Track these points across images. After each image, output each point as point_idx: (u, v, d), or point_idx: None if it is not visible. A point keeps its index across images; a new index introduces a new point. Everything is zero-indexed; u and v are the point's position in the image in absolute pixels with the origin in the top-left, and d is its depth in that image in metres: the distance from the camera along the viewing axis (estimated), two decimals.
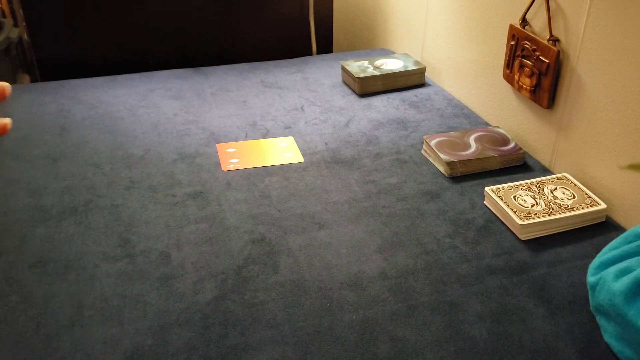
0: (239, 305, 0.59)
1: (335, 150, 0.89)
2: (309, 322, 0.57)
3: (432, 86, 1.12)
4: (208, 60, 1.27)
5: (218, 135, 0.93)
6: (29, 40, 1.18)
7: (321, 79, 1.15)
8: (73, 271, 0.62)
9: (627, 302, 0.53)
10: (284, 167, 0.85)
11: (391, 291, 0.62)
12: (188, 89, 1.09)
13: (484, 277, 0.64)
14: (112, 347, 0.54)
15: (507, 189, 0.75)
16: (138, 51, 1.23)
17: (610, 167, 0.76)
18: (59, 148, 0.87)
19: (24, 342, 0.54)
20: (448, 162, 0.82)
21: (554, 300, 0.61)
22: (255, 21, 1.29)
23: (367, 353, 0.54)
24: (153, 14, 1.21)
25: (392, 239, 0.70)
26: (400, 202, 0.77)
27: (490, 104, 1.00)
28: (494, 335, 0.56)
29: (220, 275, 0.63)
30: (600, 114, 0.76)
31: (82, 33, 1.19)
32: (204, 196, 0.76)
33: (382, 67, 1.11)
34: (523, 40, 0.86)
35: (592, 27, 0.75)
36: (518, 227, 0.70)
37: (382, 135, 0.94)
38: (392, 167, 0.85)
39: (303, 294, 0.61)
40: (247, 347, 0.54)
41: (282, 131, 0.94)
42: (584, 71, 0.78)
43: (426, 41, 1.19)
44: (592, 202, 0.73)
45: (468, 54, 1.04)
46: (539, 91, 0.85)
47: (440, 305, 0.60)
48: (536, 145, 0.90)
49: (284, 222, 0.72)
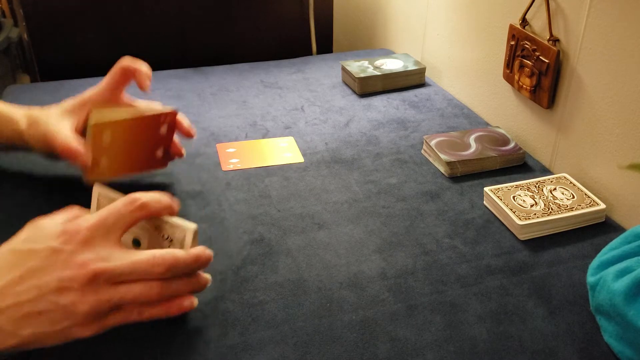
0: (238, 305, 0.59)
1: (335, 150, 0.89)
2: (309, 322, 0.57)
3: (432, 86, 1.12)
4: (208, 60, 1.27)
5: (218, 135, 0.93)
6: (29, 40, 1.18)
7: (321, 79, 1.15)
8: None
9: (627, 302, 0.53)
10: (284, 167, 0.85)
11: (391, 291, 0.62)
12: (188, 89, 1.09)
13: (483, 277, 0.64)
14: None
15: (507, 189, 0.75)
16: (138, 51, 1.23)
17: (610, 167, 0.76)
18: None
19: None
20: (448, 162, 0.82)
21: (554, 300, 0.61)
22: (255, 21, 1.29)
23: (366, 353, 0.54)
24: (153, 14, 1.21)
25: (391, 239, 0.70)
26: (400, 202, 0.77)
27: (490, 104, 1.00)
28: (494, 336, 0.56)
29: (219, 275, 0.63)
30: (600, 114, 0.76)
31: (82, 33, 1.19)
32: (203, 196, 0.76)
33: (382, 67, 1.11)
34: (523, 40, 0.86)
35: (592, 27, 0.75)
36: (517, 227, 0.70)
37: (382, 135, 0.94)
38: (392, 167, 0.85)
39: (302, 294, 0.61)
40: (246, 347, 0.54)
41: (282, 131, 0.94)
42: (584, 71, 0.78)
43: (426, 41, 1.19)
44: (591, 202, 0.73)
45: (468, 54, 1.04)
46: (539, 91, 0.85)
47: (440, 305, 0.60)
48: (536, 145, 0.90)
49: (284, 222, 0.72)
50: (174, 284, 0.52)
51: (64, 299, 0.47)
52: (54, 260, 0.48)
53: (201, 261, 0.53)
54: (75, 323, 0.48)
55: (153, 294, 0.50)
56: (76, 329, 0.48)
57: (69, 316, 0.47)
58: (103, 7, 1.17)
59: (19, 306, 0.47)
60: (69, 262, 0.48)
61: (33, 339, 0.47)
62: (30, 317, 0.47)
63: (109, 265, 0.48)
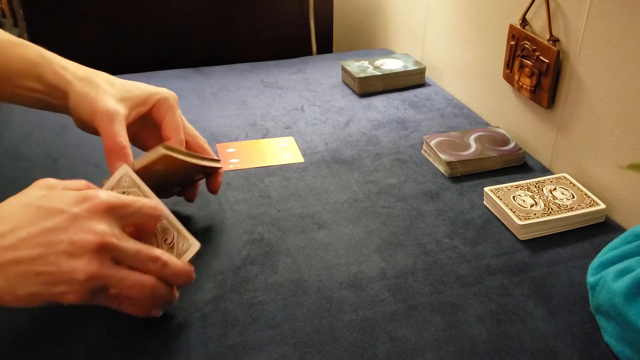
0: (238, 305, 0.59)
1: (335, 150, 0.89)
2: (309, 323, 0.57)
3: (432, 86, 1.12)
4: (208, 60, 1.27)
5: (218, 135, 0.93)
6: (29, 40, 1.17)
7: (321, 79, 1.15)
8: None
9: (627, 302, 0.53)
10: (284, 167, 0.85)
11: (391, 291, 0.62)
12: (188, 89, 1.09)
13: (483, 277, 0.64)
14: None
15: (506, 189, 0.75)
16: (138, 51, 1.23)
17: (610, 167, 0.76)
18: (59, 147, 0.87)
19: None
20: (448, 162, 0.82)
21: (554, 300, 0.61)
22: (255, 21, 1.29)
23: (366, 353, 0.54)
24: (153, 14, 1.21)
25: (391, 239, 0.70)
26: (400, 202, 0.77)
27: (490, 104, 1.00)
28: (494, 336, 0.56)
29: (219, 275, 0.63)
30: (600, 114, 0.76)
31: (82, 33, 1.19)
32: (204, 196, 0.76)
33: (382, 67, 1.11)
34: (523, 40, 0.86)
35: (592, 27, 0.75)
36: (517, 227, 0.69)
37: (382, 135, 0.94)
38: (392, 167, 0.85)
39: (302, 294, 0.61)
40: (246, 347, 0.54)
41: (282, 131, 0.94)
42: (584, 71, 0.78)
43: (426, 41, 1.19)
44: (591, 202, 0.73)
45: (468, 54, 1.04)
46: (539, 91, 0.85)
47: (440, 305, 0.60)
48: (536, 145, 0.90)
49: (284, 222, 0.72)
50: (163, 288, 0.52)
51: (67, 264, 0.46)
52: (71, 223, 0.47)
53: (189, 278, 0.54)
54: (70, 290, 0.47)
55: (146, 289, 0.51)
56: (67, 295, 0.47)
57: (67, 282, 0.46)
58: (103, 7, 1.17)
59: (18, 263, 0.46)
60: (84, 228, 0.47)
61: (23, 299, 0.46)
62: (27, 275, 0.46)
63: (119, 242, 0.49)
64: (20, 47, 0.62)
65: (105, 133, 0.59)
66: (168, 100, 0.66)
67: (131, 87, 0.65)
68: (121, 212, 0.50)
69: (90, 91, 0.61)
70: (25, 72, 0.61)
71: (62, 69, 0.62)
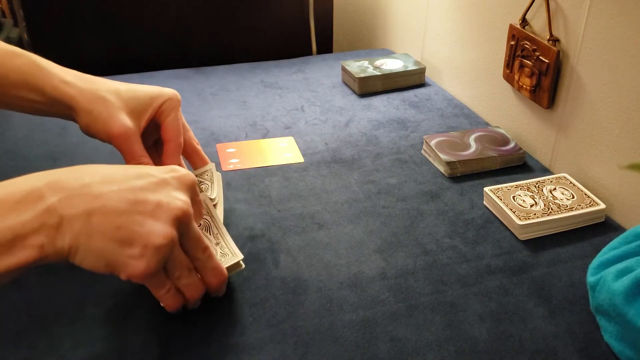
0: (238, 305, 0.59)
1: (335, 150, 0.89)
2: (309, 322, 0.57)
3: (432, 86, 1.12)
4: (208, 60, 1.27)
5: (218, 135, 0.93)
6: (29, 40, 1.18)
7: (321, 79, 1.15)
8: (77, 269, 0.62)
9: (627, 302, 0.53)
10: (284, 167, 0.85)
11: (391, 291, 0.62)
12: (188, 89, 1.09)
13: (483, 277, 0.64)
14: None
15: (506, 189, 0.75)
16: (138, 51, 1.23)
17: (610, 167, 0.76)
18: (59, 147, 0.87)
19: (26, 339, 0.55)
20: (448, 162, 0.82)
21: (554, 300, 0.61)
22: (255, 21, 1.29)
23: (367, 353, 0.54)
24: (153, 14, 1.21)
25: (391, 239, 0.70)
26: (400, 202, 0.77)
27: (490, 104, 1.00)
28: (494, 335, 0.56)
29: None
30: (600, 114, 0.76)
31: (82, 33, 1.19)
32: None
33: (382, 67, 1.11)
34: (523, 40, 0.86)
35: (592, 27, 0.75)
36: (517, 227, 0.70)
37: (382, 135, 0.94)
38: (392, 167, 0.85)
39: (302, 294, 0.61)
40: (246, 347, 0.54)
41: (282, 131, 0.95)
42: (584, 71, 0.78)
43: (426, 41, 1.19)
44: (591, 202, 0.73)
45: (468, 54, 1.04)
46: (539, 91, 0.85)
47: (440, 305, 0.60)
48: (536, 145, 0.90)
49: (284, 222, 0.72)
50: (202, 288, 0.55)
51: (149, 225, 0.46)
52: (160, 187, 0.49)
53: (223, 278, 0.56)
54: (142, 254, 0.46)
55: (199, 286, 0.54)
56: (135, 262, 0.46)
57: (143, 244, 0.46)
58: (103, 8, 1.17)
59: (104, 213, 0.45)
60: (172, 194, 0.49)
61: (93, 253, 0.45)
62: (109, 227, 0.45)
63: (192, 219, 0.51)
64: (14, 57, 0.61)
65: (127, 155, 0.62)
66: (172, 102, 0.67)
67: (136, 92, 0.65)
68: (196, 195, 0.54)
69: (100, 109, 0.61)
70: (22, 84, 0.60)
71: (63, 83, 0.61)
